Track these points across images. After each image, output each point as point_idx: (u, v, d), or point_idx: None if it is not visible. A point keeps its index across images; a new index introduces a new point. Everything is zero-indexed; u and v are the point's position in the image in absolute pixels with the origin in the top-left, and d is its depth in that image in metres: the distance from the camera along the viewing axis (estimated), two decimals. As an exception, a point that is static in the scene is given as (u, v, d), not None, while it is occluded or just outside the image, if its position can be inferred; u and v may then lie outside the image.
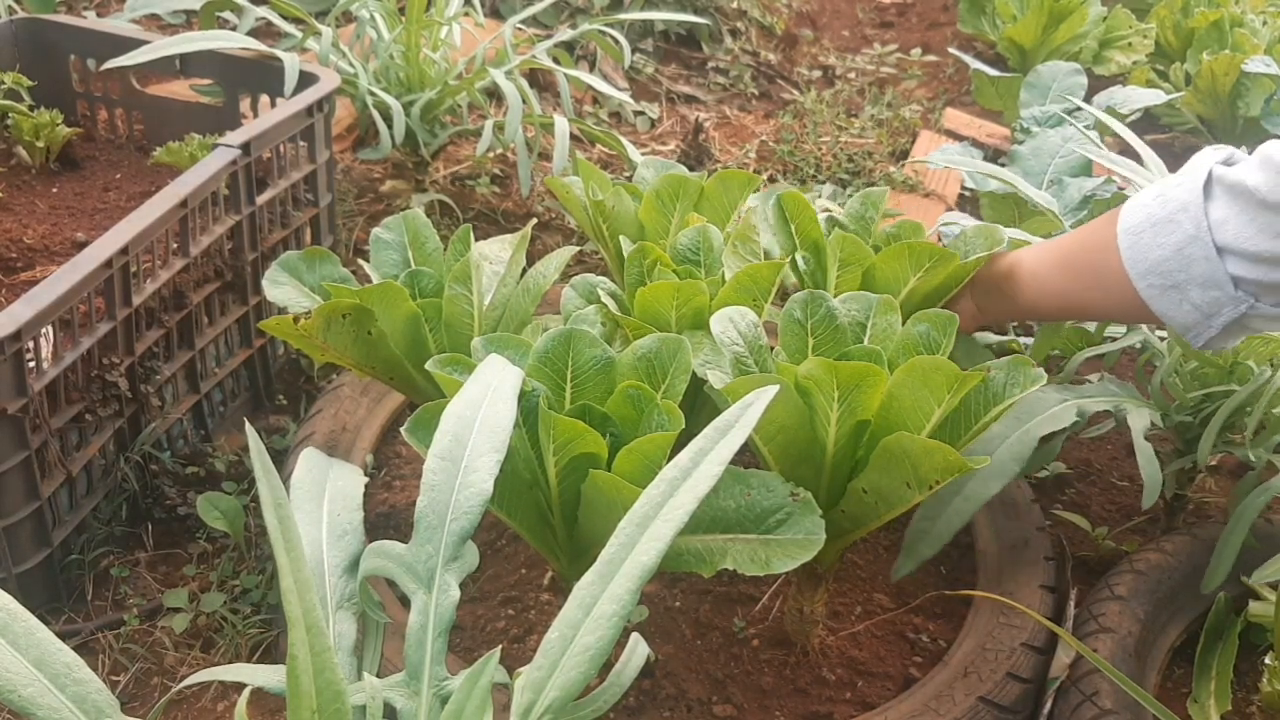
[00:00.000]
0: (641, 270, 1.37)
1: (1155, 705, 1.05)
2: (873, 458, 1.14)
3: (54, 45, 2.08)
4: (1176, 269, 1.18)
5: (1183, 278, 1.18)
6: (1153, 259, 1.20)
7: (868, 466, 1.16)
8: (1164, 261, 1.19)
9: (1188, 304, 1.19)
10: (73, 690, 0.80)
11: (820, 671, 1.36)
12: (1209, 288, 1.17)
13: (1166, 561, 1.45)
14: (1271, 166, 1.12)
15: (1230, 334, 1.21)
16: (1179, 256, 1.18)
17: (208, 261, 1.67)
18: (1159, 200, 1.21)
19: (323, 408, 1.62)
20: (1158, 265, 1.20)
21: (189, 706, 1.38)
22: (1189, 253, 1.17)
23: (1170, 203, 1.20)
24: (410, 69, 2.36)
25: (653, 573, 0.84)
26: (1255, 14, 3.02)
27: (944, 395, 1.13)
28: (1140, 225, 1.21)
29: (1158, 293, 1.21)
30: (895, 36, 3.77)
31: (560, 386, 1.19)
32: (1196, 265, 1.17)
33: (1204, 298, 1.18)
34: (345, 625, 1.00)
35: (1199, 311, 1.19)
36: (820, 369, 1.12)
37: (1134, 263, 1.22)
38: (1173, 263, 1.18)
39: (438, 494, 0.97)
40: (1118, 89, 2.75)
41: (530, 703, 0.83)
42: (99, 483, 1.52)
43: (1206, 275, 1.17)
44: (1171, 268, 1.19)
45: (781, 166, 2.75)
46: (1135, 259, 1.21)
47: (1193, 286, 1.18)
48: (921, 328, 1.24)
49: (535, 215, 2.42)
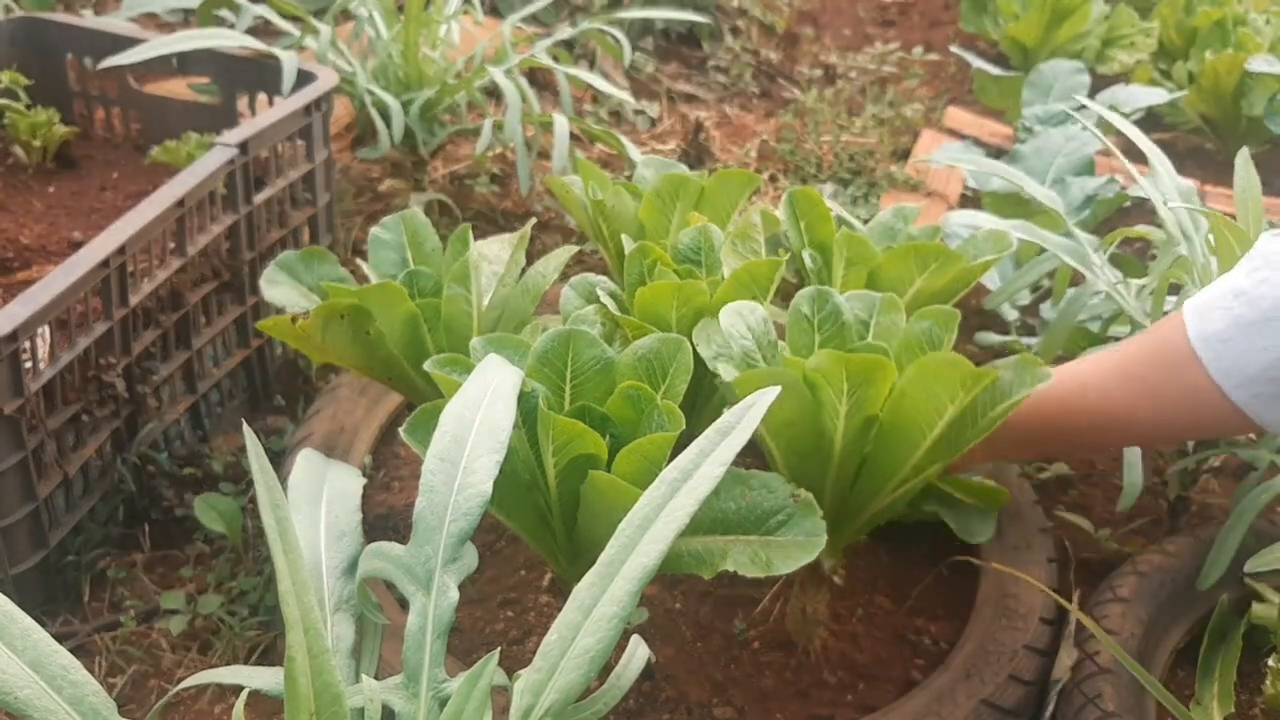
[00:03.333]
0: (642, 270, 1.37)
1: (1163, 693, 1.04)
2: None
3: (51, 44, 2.08)
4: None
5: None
6: (1257, 365, 1.09)
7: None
8: (1272, 367, 1.09)
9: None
10: (69, 692, 0.79)
11: (821, 674, 1.35)
12: None
13: (1169, 563, 1.44)
14: None
15: None
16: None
17: (205, 261, 1.66)
18: (1243, 300, 1.11)
19: (321, 408, 1.62)
20: (1264, 372, 1.09)
21: (186, 709, 1.38)
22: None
23: (1263, 300, 1.09)
24: (409, 67, 2.35)
25: (653, 575, 0.83)
26: (1258, 13, 3.01)
27: (957, 392, 1.12)
28: (1228, 331, 1.11)
29: (1265, 402, 1.11)
30: (897, 35, 3.76)
31: (560, 387, 1.18)
32: None
33: None
34: (343, 627, 1.00)
35: None
36: (829, 362, 1.11)
37: (1229, 373, 1.11)
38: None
39: (436, 495, 0.96)
40: (1120, 88, 2.75)
41: (529, 705, 0.82)
42: (96, 484, 1.51)
43: None
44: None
45: (782, 166, 2.75)
46: (1231, 369, 1.11)
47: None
48: (924, 324, 1.24)
49: (535, 215, 2.41)
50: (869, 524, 1.30)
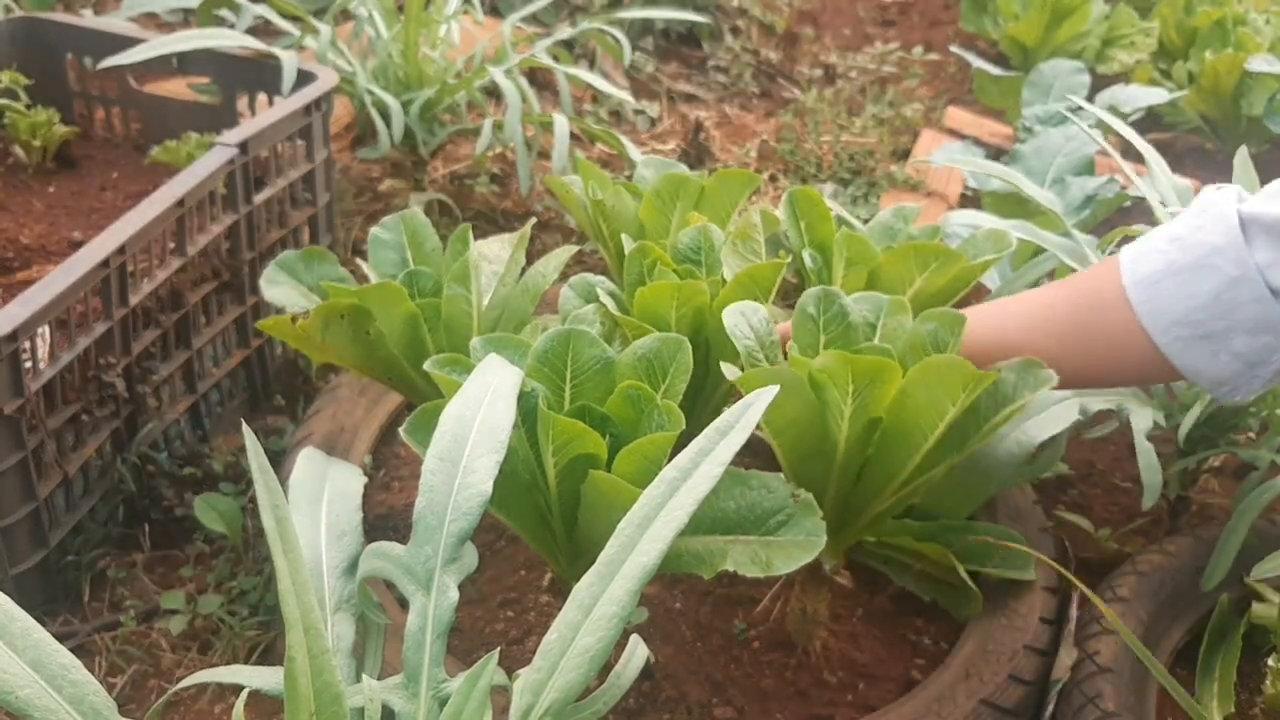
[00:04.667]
0: (642, 270, 1.37)
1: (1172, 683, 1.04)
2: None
3: (51, 44, 2.08)
4: (1215, 316, 1.08)
5: (1222, 325, 1.08)
6: (1181, 309, 1.10)
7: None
8: (1197, 310, 1.09)
9: (1226, 354, 1.10)
10: (70, 691, 0.79)
11: (821, 674, 1.35)
12: (1259, 333, 1.08)
13: (1169, 563, 1.44)
14: None
15: (1271, 384, 1.13)
16: (1218, 303, 1.08)
17: (205, 261, 1.66)
18: (1177, 245, 1.11)
19: (321, 408, 1.62)
20: (1187, 315, 1.10)
21: (186, 708, 1.38)
22: (1232, 297, 1.07)
23: (1196, 246, 1.10)
24: (409, 67, 2.35)
25: (653, 574, 0.83)
26: (1258, 13, 3.01)
27: (959, 394, 1.12)
28: (1157, 274, 1.11)
29: (1184, 346, 1.11)
30: (897, 35, 3.76)
31: (559, 387, 1.18)
32: (1243, 310, 1.07)
33: (1251, 345, 1.09)
34: (343, 627, 1.00)
35: (1240, 361, 1.10)
36: (835, 362, 1.11)
37: (1155, 315, 1.11)
38: (1209, 310, 1.08)
39: (436, 495, 0.96)
40: (1120, 87, 2.75)
41: (529, 705, 0.82)
42: (96, 484, 1.51)
43: (1256, 319, 1.07)
44: (1207, 316, 1.09)
45: (782, 165, 2.75)
46: (1156, 311, 1.11)
47: (1236, 334, 1.08)
48: (929, 326, 1.23)
49: (534, 215, 2.41)
50: (870, 526, 1.30)
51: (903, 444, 1.19)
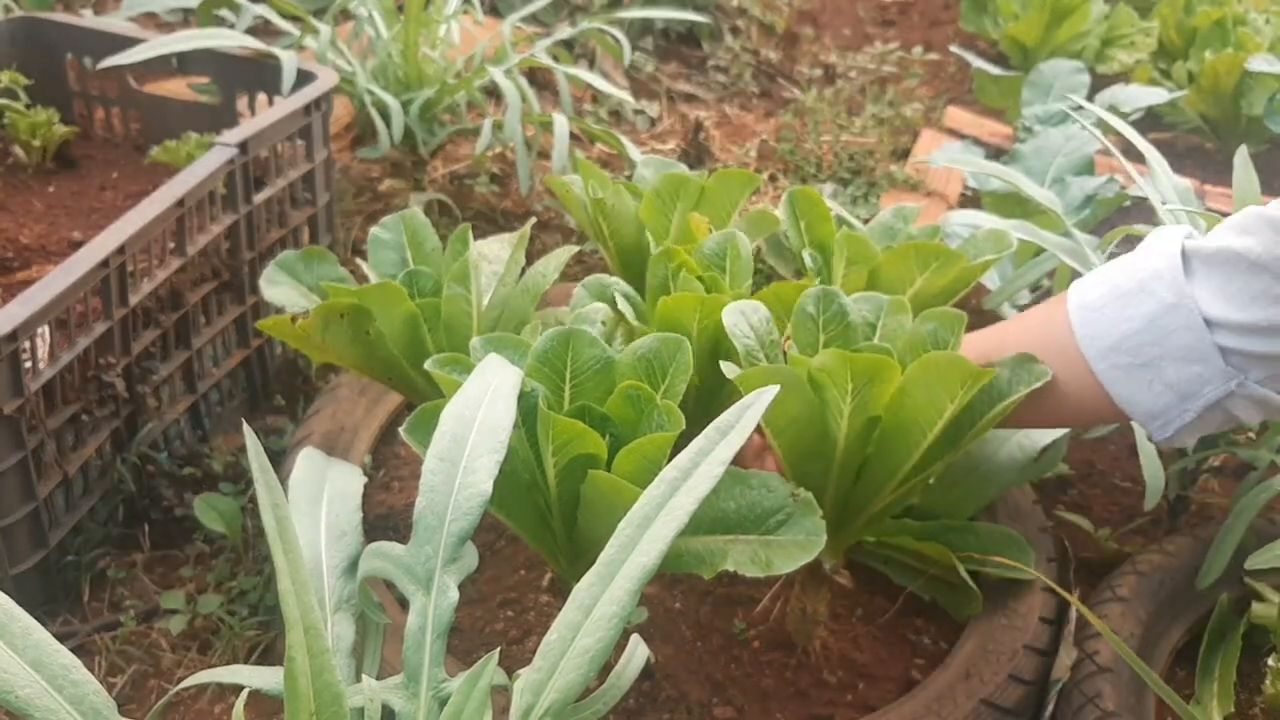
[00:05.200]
0: (666, 274, 1.34)
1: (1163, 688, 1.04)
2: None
3: (51, 44, 2.08)
4: (1149, 342, 1.06)
5: (1156, 353, 1.05)
6: (1118, 334, 1.07)
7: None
8: (1133, 335, 1.06)
9: (1160, 384, 1.07)
10: (70, 691, 0.79)
11: (821, 674, 1.35)
12: (1190, 362, 1.05)
13: (1169, 563, 1.44)
14: (1266, 225, 1.01)
15: (1203, 422, 1.09)
16: (1153, 328, 1.05)
17: (205, 261, 1.66)
18: (1123, 272, 1.10)
19: (320, 408, 1.62)
20: (1124, 340, 1.07)
21: (186, 708, 1.38)
22: (1166, 323, 1.05)
23: (1139, 271, 1.08)
24: (409, 67, 2.35)
25: (653, 574, 0.83)
26: (1258, 13, 3.01)
27: (957, 391, 1.12)
28: (1101, 300, 1.09)
29: (1121, 374, 1.08)
30: (897, 35, 3.76)
31: (559, 387, 1.18)
32: (1176, 336, 1.04)
33: (1182, 375, 1.05)
34: (343, 627, 1.00)
35: (1173, 392, 1.07)
36: (835, 361, 1.11)
37: (1093, 339, 1.09)
38: (1144, 336, 1.06)
39: (436, 495, 0.96)
40: (1120, 87, 2.75)
41: (529, 705, 0.82)
42: (95, 484, 1.51)
43: (1187, 347, 1.04)
44: (1142, 342, 1.06)
45: (782, 165, 2.75)
46: (1095, 335, 1.09)
47: (1168, 362, 1.05)
48: (929, 326, 1.23)
49: (534, 214, 2.41)
50: (870, 525, 1.30)
51: (902, 442, 1.19)
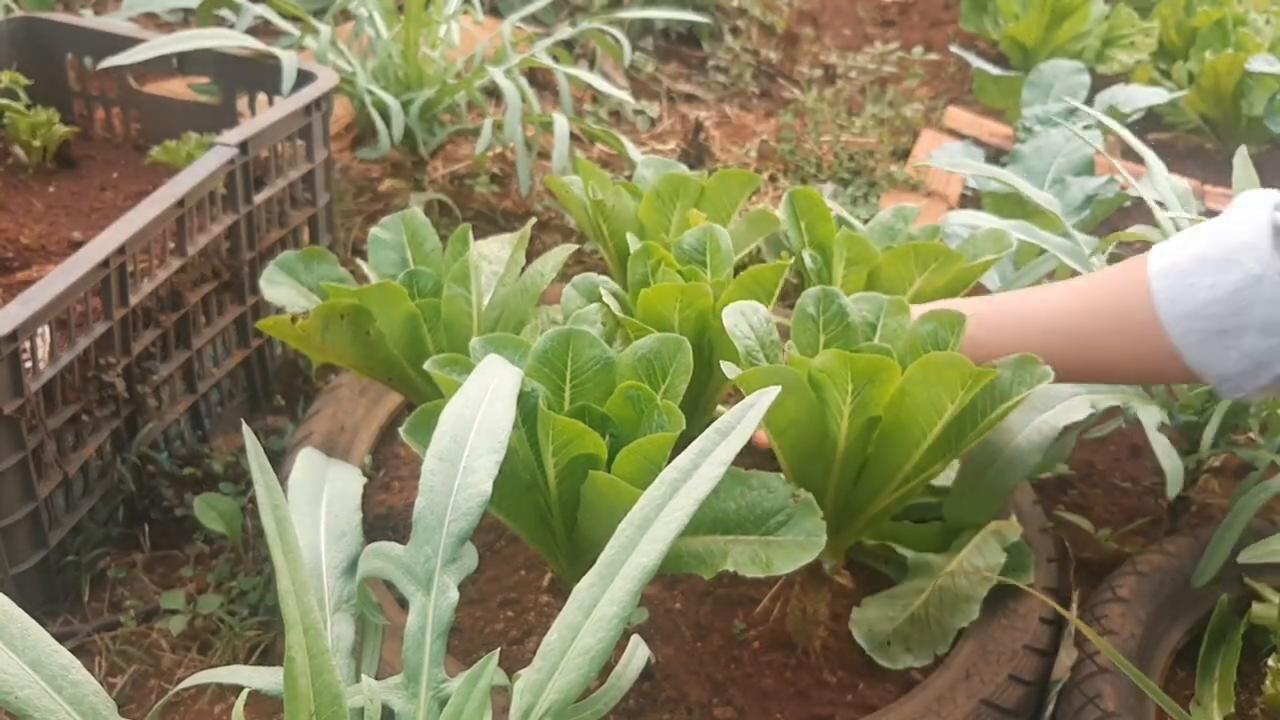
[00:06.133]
0: (646, 270, 1.36)
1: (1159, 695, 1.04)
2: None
3: (51, 44, 2.08)
4: (1230, 312, 1.09)
5: (1237, 322, 1.09)
6: (1198, 300, 1.10)
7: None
8: (1215, 303, 1.10)
9: (1237, 351, 1.10)
10: (70, 692, 0.79)
11: (821, 674, 1.35)
12: (1270, 334, 1.09)
13: (1169, 563, 1.44)
14: None
15: (1276, 388, 1.13)
16: (1236, 298, 1.09)
17: (205, 261, 1.66)
18: (1209, 239, 1.12)
19: (320, 408, 1.62)
20: (1205, 308, 1.10)
21: (186, 709, 1.38)
22: (1250, 295, 1.08)
23: (1225, 242, 1.10)
24: (409, 67, 2.35)
25: (653, 575, 0.83)
26: (1258, 13, 3.01)
27: (957, 392, 1.12)
28: (1185, 265, 1.12)
29: (1197, 339, 1.11)
30: (897, 35, 3.76)
31: (559, 387, 1.18)
32: (1259, 309, 1.08)
33: (1260, 345, 1.09)
34: (343, 627, 1.00)
35: (1250, 360, 1.10)
36: (835, 361, 1.11)
37: (1172, 304, 1.11)
38: (1226, 305, 1.09)
39: (436, 495, 0.96)
40: (1120, 88, 2.75)
41: (529, 705, 0.82)
42: (96, 484, 1.51)
43: (1268, 320, 1.08)
44: (1224, 311, 1.09)
45: (782, 166, 2.75)
46: (1175, 299, 1.11)
47: (1249, 333, 1.09)
48: (929, 326, 1.23)
49: (534, 215, 2.41)
50: (870, 525, 1.29)
51: (902, 442, 1.19)
